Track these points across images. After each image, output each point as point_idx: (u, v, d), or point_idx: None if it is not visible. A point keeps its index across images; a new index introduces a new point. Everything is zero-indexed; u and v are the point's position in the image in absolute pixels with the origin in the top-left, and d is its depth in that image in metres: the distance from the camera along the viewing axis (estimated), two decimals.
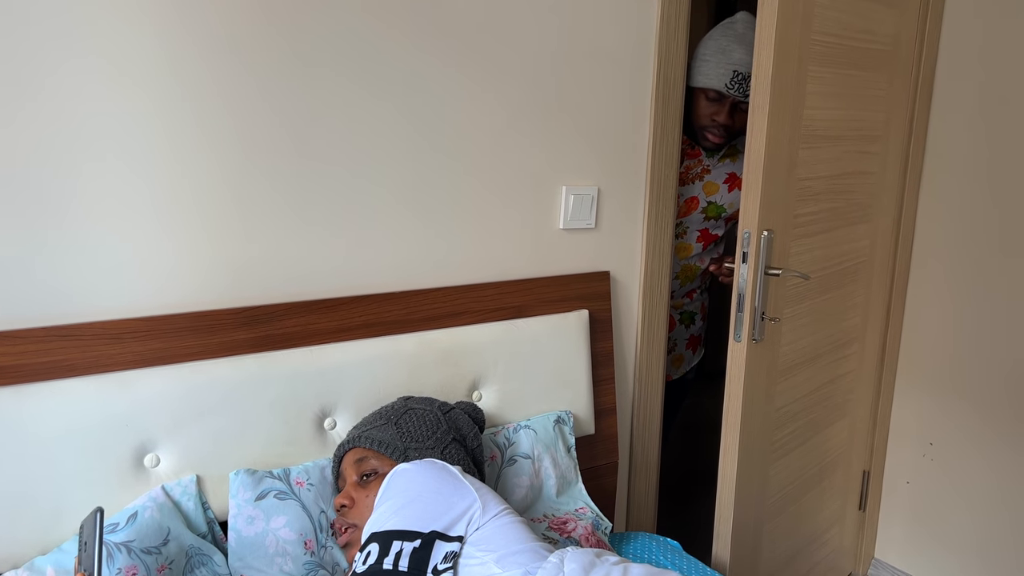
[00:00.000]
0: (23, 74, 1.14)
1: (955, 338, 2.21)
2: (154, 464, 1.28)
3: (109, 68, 1.20)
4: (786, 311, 1.83)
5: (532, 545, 1.12)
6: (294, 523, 1.31)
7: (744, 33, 1.92)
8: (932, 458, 2.30)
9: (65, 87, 1.18)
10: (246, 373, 1.34)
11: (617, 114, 1.80)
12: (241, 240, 1.38)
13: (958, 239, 2.18)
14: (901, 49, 2.04)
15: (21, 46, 1.14)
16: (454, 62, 1.54)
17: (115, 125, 1.23)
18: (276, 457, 1.38)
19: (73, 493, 1.21)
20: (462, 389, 1.59)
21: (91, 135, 1.21)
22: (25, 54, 1.14)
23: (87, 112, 1.20)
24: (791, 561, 2.12)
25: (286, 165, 1.39)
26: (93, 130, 1.21)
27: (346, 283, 1.50)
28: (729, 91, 1.91)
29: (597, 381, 1.81)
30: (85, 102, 1.20)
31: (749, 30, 1.92)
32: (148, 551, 1.20)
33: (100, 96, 1.21)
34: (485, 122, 1.60)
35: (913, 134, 2.18)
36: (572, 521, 1.53)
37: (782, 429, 1.92)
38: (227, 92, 1.31)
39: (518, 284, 1.68)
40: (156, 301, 1.32)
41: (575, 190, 1.75)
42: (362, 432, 1.34)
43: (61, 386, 1.21)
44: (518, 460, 1.56)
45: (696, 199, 2.08)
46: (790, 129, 1.68)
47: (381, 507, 1.15)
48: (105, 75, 1.20)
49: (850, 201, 1.99)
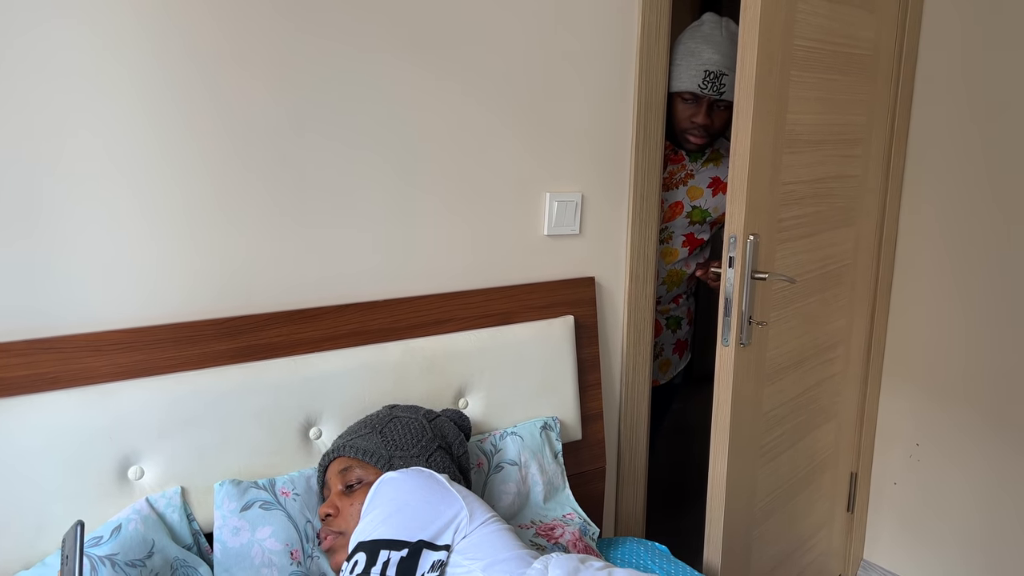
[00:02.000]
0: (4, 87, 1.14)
1: (939, 339, 2.23)
2: (138, 476, 1.28)
3: (90, 83, 1.20)
4: (773, 315, 1.84)
5: (518, 552, 1.12)
6: (280, 533, 1.30)
7: (710, 33, 1.94)
8: (919, 459, 2.31)
9: (46, 102, 1.17)
10: (230, 384, 1.34)
11: (599, 121, 1.81)
12: (224, 251, 1.37)
13: (941, 241, 2.20)
14: (881, 54, 2.06)
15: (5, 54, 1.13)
16: (438, 71, 1.54)
17: (99, 139, 1.22)
18: (261, 467, 1.37)
19: (56, 506, 1.20)
20: (448, 396, 1.58)
21: (74, 149, 1.21)
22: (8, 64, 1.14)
23: (71, 125, 1.20)
24: (780, 564, 2.13)
25: (269, 175, 1.39)
26: (76, 144, 1.21)
27: (330, 292, 1.50)
28: (703, 91, 1.93)
29: (583, 387, 1.81)
30: (68, 115, 1.19)
31: (715, 29, 1.95)
32: (132, 564, 1.19)
33: (83, 108, 1.20)
34: (468, 130, 1.61)
35: (894, 137, 2.20)
36: (560, 527, 1.53)
37: (770, 432, 1.93)
38: (207, 106, 1.31)
39: (503, 291, 1.69)
40: (139, 313, 1.31)
41: (559, 196, 1.76)
42: (347, 441, 1.33)
43: (43, 399, 1.20)
44: (505, 467, 1.56)
45: (681, 204, 2.09)
46: (774, 134, 1.70)
47: (368, 516, 1.15)
48: (86, 90, 1.20)
49: (833, 205, 2.00)
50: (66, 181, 1.21)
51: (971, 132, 2.10)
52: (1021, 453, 2.10)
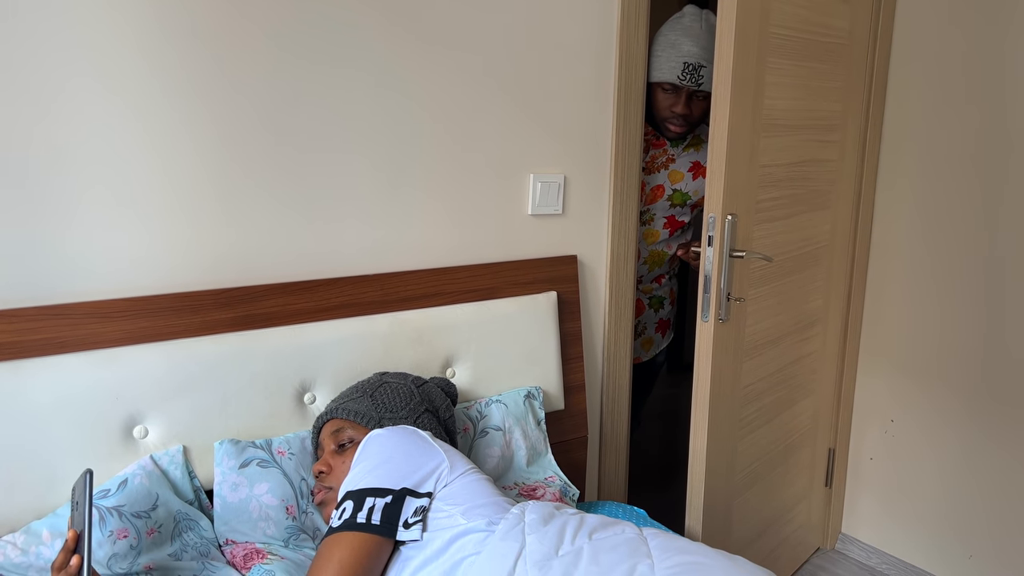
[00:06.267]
0: (12, 68, 1.22)
1: (914, 319, 2.30)
2: (142, 435, 1.36)
3: (94, 62, 1.28)
4: (751, 292, 1.91)
5: (496, 499, 1.20)
6: (276, 490, 1.39)
7: (691, 26, 2.02)
8: (893, 435, 2.39)
9: (54, 83, 1.25)
10: (229, 350, 1.42)
11: (582, 106, 1.89)
12: (222, 225, 1.46)
13: (915, 224, 2.27)
14: (855, 42, 2.13)
15: (8, 42, 1.21)
16: (426, 56, 1.62)
17: (103, 115, 1.30)
18: (259, 429, 1.46)
19: (67, 461, 1.29)
20: (436, 366, 1.67)
21: (79, 125, 1.29)
22: (12, 49, 1.22)
23: (76, 103, 1.28)
24: (761, 535, 2.21)
25: (264, 153, 1.47)
26: (81, 120, 1.29)
27: (324, 266, 1.58)
28: (682, 82, 2.01)
29: (566, 359, 1.90)
30: (73, 94, 1.27)
31: (695, 22, 2.02)
32: (138, 515, 1.28)
33: (87, 88, 1.28)
34: (455, 113, 1.69)
35: (869, 123, 2.28)
36: (541, 488, 1.61)
37: (749, 406, 2.01)
38: (206, 84, 1.39)
39: (489, 267, 1.77)
40: (143, 282, 1.40)
41: (542, 177, 1.84)
42: (339, 404, 1.42)
43: (54, 362, 1.28)
44: (490, 432, 1.65)
45: (662, 187, 2.17)
46: (751, 118, 1.77)
47: (356, 468, 1.23)
48: (91, 69, 1.28)
49: (810, 188, 2.08)
50: (76, 164, 1.29)
51: (945, 118, 2.18)
52: (991, 428, 2.18)
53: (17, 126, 1.24)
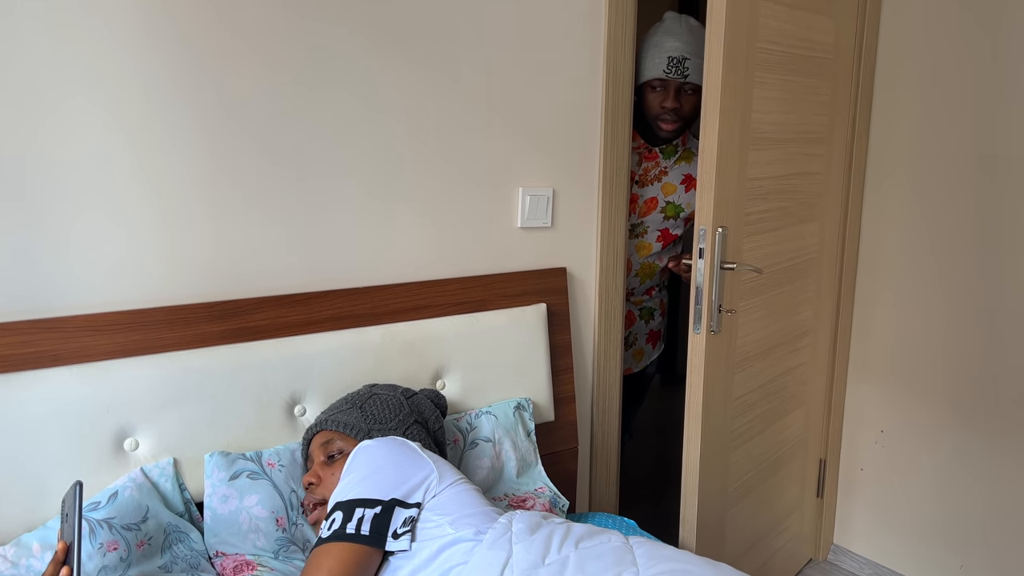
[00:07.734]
0: (9, 86, 1.24)
1: (902, 329, 2.32)
2: (133, 448, 1.37)
3: (90, 81, 1.30)
4: (741, 304, 1.93)
5: (484, 509, 1.21)
6: (266, 501, 1.40)
7: (671, 27, 2.08)
8: (884, 445, 2.40)
9: (50, 100, 1.27)
10: (220, 363, 1.43)
11: (570, 121, 1.92)
12: (215, 239, 1.47)
13: (902, 234, 2.30)
14: (841, 57, 2.16)
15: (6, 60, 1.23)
16: (413, 70, 1.65)
17: (95, 127, 1.32)
18: (249, 441, 1.47)
19: (58, 474, 1.29)
20: (426, 378, 1.68)
21: (75, 141, 1.30)
22: (9, 67, 1.24)
23: (72, 120, 1.29)
24: (753, 547, 2.21)
25: (257, 169, 1.49)
26: (77, 136, 1.30)
27: (315, 278, 1.60)
28: (668, 75, 2.05)
29: (556, 371, 1.91)
30: (69, 112, 1.29)
31: (675, 23, 2.08)
32: (128, 527, 1.28)
33: (82, 107, 1.30)
34: (444, 129, 1.71)
35: (855, 136, 2.30)
36: (531, 499, 1.62)
37: (741, 417, 2.02)
38: (199, 103, 1.41)
39: (479, 280, 1.78)
40: (136, 295, 1.41)
41: (531, 191, 1.86)
42: (329, 416, 1.43)
43: (47, 375, 1.29)
44: (479, 443, 1.66)
45: (655, 199, 2.19)
46: (740, 131, 1.79)
47: (345, 479, 1.24)
48: (86, 87, 1.30)
49: (798, 200, 2.10)
50: (68, 176, 1.31)
51: (929, 130, 2.20)
52: (982, 437, 2.19)
53: (12, 141, 1.25)
